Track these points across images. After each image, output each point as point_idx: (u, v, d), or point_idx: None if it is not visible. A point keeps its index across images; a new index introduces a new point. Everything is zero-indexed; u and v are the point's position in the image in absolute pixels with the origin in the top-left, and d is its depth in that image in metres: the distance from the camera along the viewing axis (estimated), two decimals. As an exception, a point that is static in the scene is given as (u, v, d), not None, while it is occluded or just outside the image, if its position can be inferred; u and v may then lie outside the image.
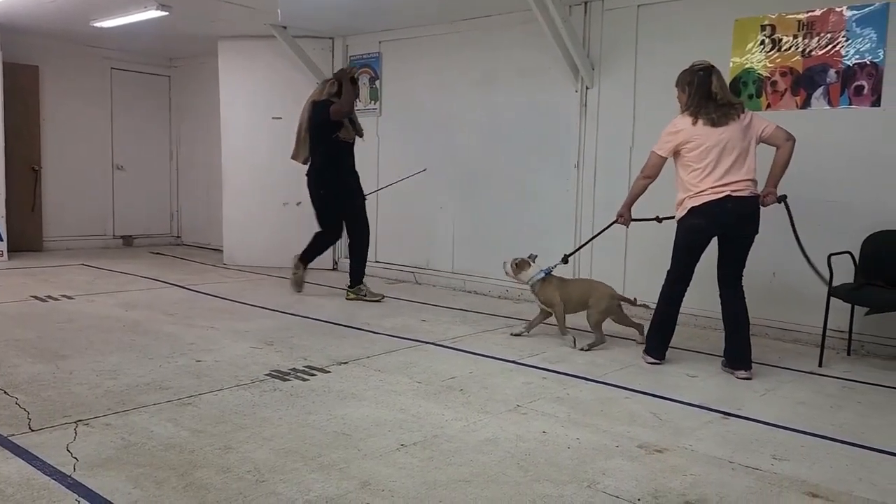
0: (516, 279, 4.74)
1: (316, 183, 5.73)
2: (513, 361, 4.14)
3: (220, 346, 4.31)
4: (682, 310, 4.13)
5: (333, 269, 7.74)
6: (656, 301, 4.17)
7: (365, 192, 5.97)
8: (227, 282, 6.83)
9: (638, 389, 3.65)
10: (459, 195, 6.66)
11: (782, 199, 3.97)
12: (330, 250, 7.71)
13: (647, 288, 5.20)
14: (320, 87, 5.77)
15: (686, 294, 4.09)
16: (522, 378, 3.82)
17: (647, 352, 4.21)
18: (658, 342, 4.17)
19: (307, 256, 6.05)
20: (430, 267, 6.98)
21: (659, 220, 4.42)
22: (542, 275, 4.59)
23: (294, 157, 5.88)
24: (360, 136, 5.89)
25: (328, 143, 5.61)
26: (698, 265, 4.04)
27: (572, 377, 3.85)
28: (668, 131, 3.95)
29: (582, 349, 4.32)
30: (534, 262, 4.68)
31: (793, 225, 4.02)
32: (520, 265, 4.67)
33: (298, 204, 7.67)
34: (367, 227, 5.91)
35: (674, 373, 4.01)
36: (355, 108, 5.87)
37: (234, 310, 5.47)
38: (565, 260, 4.69)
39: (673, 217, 4.30)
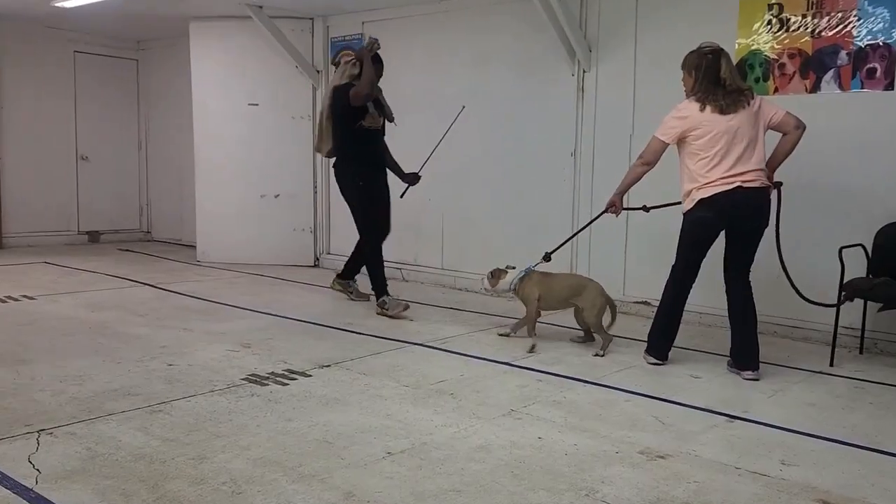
0: (495, 292, 4.76)
1: (348, 176, 5.46)
2: (506, 363, 4.15)
3: (193, 348, 4.29)
4: (686, 307, 4.14)
5: (315, 266, 7.73)
6: (659, 298, 4.18)
7: (416, 170, 5.68)
8: (201, 280, 6.80)
9: (639, 392, 3.67)
10: (449, 186, 6.65)
11: (777, 185, 4.00)
12: (311, 245, 7.75)
13: (649, 284, 5.23)
14: (341, 68, 5.49)
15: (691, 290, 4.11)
16: (517, 381, 3.82)
17: (648, 351, 4.22)
18: (661, 341, 4.18)
19: (351, 271, 5.81)
20: (418, 263, 6.97)
21: (646, 209, 4.45)
22: (523, 274, 4.59)
23: (317, 149, 5.69)
24: (391, 120, 5.60)
25: (353, 133, 5.37)
26: (704, 259, 4.05)
27: (569, 379, 3.86)
28: (673, 116, 3.95)
29: (596, 355, 4.33)
30: (513, 269, 4.66)
31: (778, 216, 4.05)
32: (495, 274, 4.67)
33: (277, 196, 7.66)
34: (384, 231, 5.65)
35: (677, 374, 4.03)
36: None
37: (208, 310, 5.45)
38: (547, 257, 4.66)
39: (661, 206, 4.37)
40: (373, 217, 5.50)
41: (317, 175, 7.70)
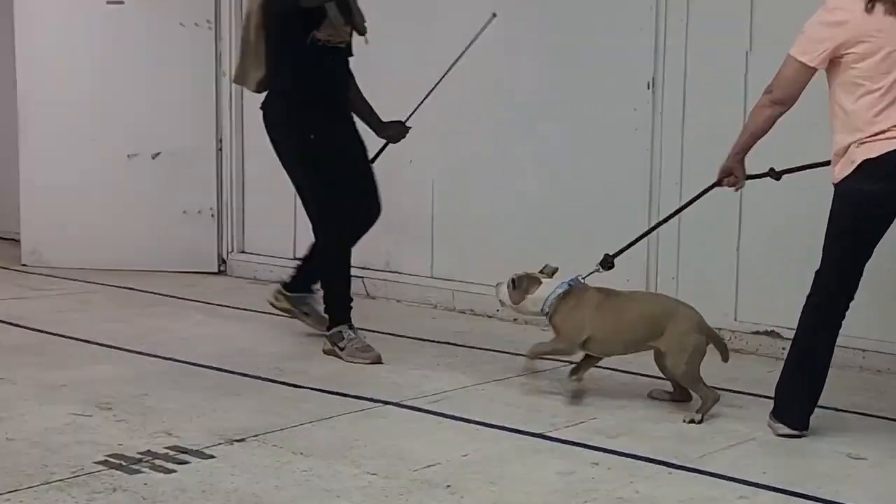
0: (517, 311, 4.81)
1: (291, 123, 5.46)
2: (539, 436, 4.15)
3: (17, 411, 4.30)
4: (838, 342, 4.14)
5: (220, 273, 7.72)
6: (794, 325, 4.19)
7: (403, 119, 5.71)
8: (31, 297, 6.83)
9: (763, 483, 3.65)
10: (443, 142, 6.68)
11: None
12: (213, 238, 7.73)
13: (776, 304, 5.22)
14: None
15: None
16: (557, 464, 3.82)
17: (777, 415, 4.22)
18: (798, 399, 4.18)
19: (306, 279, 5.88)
20: (392, 268, 7.01)
21: (776, 175, 4.48)
22: (566, 288, 4.60)
23: (238, 79, 5.77)
24: (361, 33, 5.60)
25: (301, 52, 5.37)
26: (868, 262, 4.06)
27: (645, 462, 3.86)
28: (820, 21, 3.96)
29: (691, 421, 4.34)
30: (551, 277, 4.69)
31: None
32: (520, 283, 4.65)
33: (156, 156, 7.64)
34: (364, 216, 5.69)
35: (825, 452, 4.03)
36: None
37: (42, 348, 5.47)
38: (608, 263, 4.69)
39: (799, 169, 4.41)
40: (330, 191, 5.45)
41: (223, 122, 7.71)
